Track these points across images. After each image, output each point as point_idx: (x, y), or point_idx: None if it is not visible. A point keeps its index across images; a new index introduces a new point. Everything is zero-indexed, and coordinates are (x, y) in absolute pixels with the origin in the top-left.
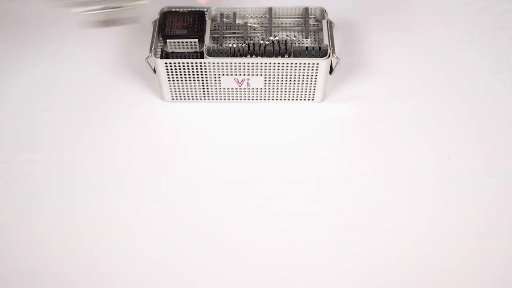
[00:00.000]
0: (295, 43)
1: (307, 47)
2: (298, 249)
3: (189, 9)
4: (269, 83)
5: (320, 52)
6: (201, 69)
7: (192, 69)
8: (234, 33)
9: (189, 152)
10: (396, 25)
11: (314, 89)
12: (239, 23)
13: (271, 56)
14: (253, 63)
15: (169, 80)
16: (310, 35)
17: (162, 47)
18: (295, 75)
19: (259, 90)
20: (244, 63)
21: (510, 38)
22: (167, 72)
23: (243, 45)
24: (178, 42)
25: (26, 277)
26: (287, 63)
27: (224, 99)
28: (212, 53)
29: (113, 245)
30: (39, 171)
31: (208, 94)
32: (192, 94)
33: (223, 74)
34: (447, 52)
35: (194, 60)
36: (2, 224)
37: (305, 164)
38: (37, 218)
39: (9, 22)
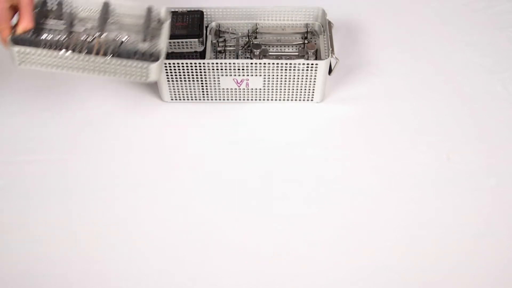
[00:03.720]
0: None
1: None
2: (298, 249)
3: (188, 9)
4: (268, 84)
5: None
6: (200, 69)
7: (191, 69)
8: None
9: (188, 152)
10: (395, 25)
11: (313, 89)
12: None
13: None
14: (252, 63)
15: (168, 81)
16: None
17: None
18: (294, 75)
19: (258, 90)
20: (244, 63)
21: (510, 39)
22: (166, 72)
23: (63, 38)
24: (177, 42)
25: (25, 278)
26: (286, 64)
27: (223, 99)
28: (21, 43)
29: (113, 246)
30: (39, 171)
31: (207, 94)
32: (191, 94)
33: (222, 75)
34: (447, 52)
35: (193, 61)
36: (2, 224)
37: (305, 165)
38: (37, 219)
39: None
